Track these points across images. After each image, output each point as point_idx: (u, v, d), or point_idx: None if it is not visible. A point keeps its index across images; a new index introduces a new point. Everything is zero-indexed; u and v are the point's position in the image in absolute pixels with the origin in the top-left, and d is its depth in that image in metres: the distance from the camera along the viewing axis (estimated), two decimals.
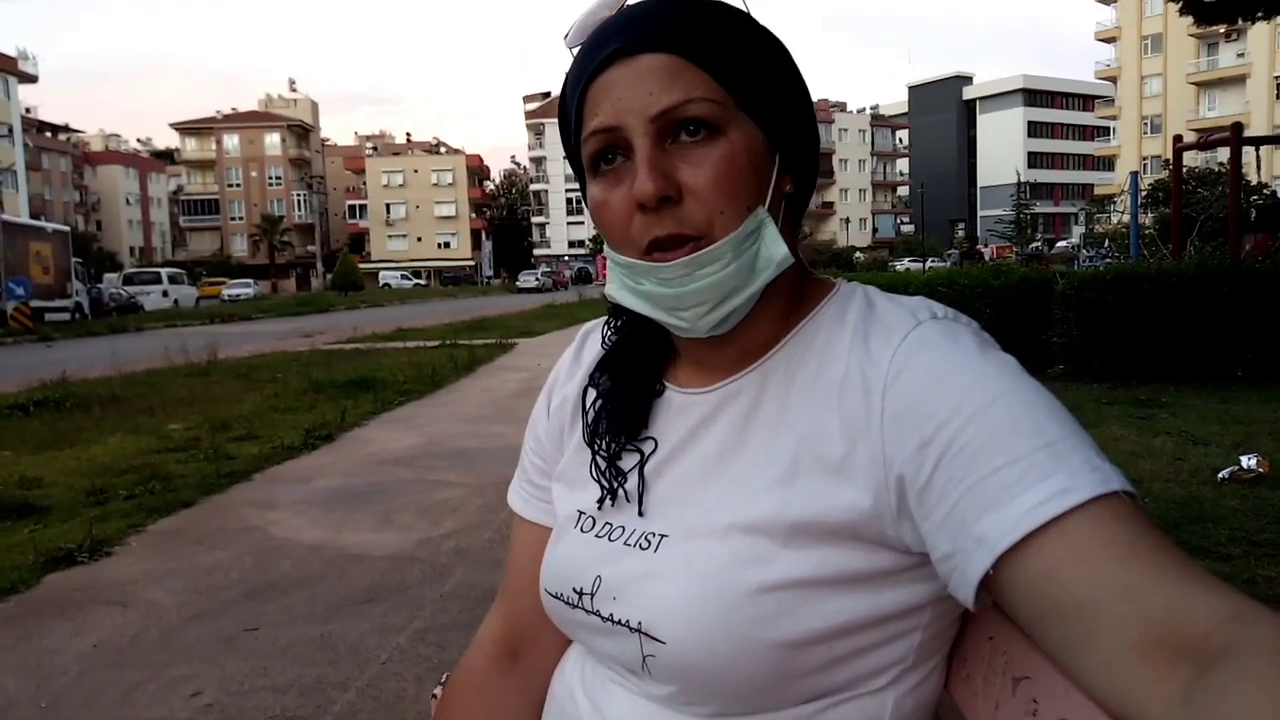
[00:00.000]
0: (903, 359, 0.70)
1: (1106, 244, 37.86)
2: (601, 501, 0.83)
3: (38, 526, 4.74)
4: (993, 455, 0.62)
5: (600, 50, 0.73)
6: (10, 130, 52.98)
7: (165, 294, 40.49)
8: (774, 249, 0.73)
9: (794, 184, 0.78)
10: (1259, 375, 7.75)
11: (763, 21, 0.78)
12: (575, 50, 0.77)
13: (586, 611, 0.80)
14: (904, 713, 0.75)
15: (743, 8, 0.77)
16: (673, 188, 0.71)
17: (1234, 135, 10.21)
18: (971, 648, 0.79)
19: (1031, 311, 8.88)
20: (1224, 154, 15.31)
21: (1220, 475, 4.69)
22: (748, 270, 0.73)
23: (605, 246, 0.79)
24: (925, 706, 0.77)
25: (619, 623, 0.76)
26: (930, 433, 0.66)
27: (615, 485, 0.83)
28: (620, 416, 0.85)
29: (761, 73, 0.74)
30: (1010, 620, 0.75)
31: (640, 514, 0.80)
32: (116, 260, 73.68)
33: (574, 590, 0.81)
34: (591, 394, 0.89)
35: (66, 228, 32.57)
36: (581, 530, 0.84)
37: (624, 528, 0.81)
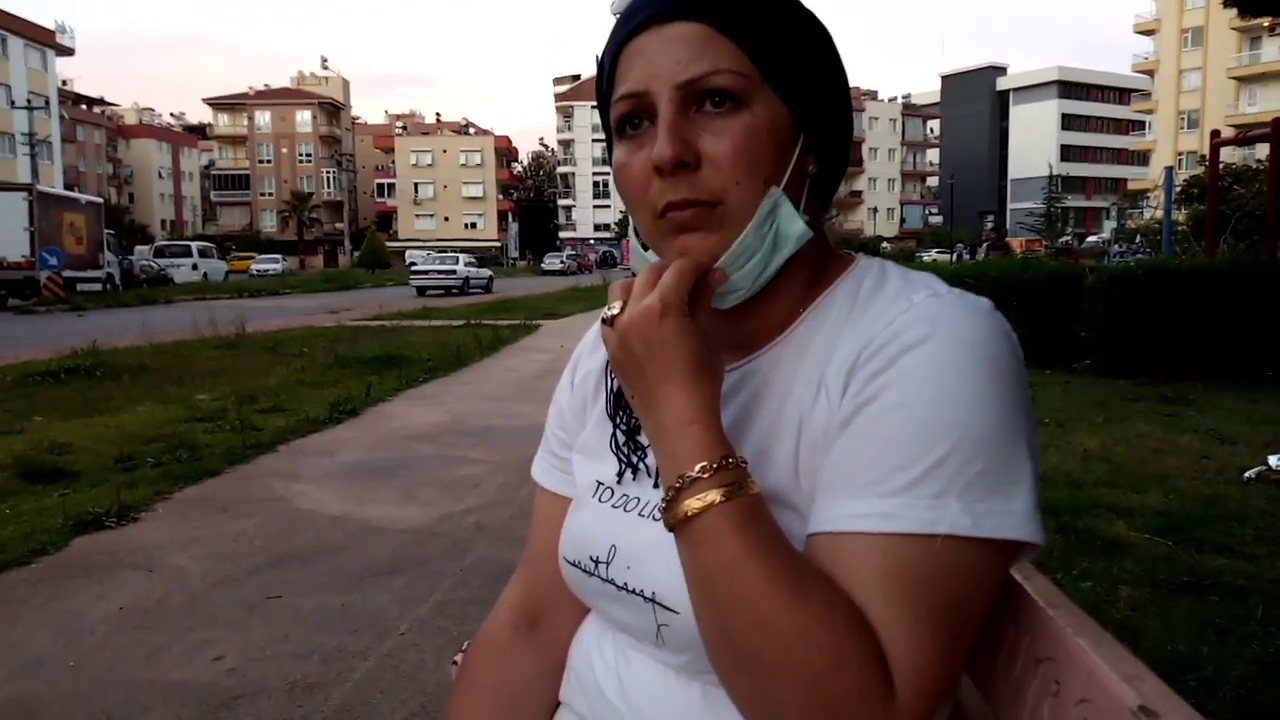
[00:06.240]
0: (884, 339, 0.70)
1: (1138, 239, 37.35)
2: (621, 474, 0.85)
3: (67, 491, 4.82)
4: (869, 449, 0.66)
5: (636, 15, 0.74)
6: (47, 102, 53.50)
7: (195, 267, 40.91)
8: (791, 226, 0.74)
9: (818, 165, 0.78)
10: None
11: (804, 2, 0.78)
12: (618, 16, 0.78)
13: (602, 580, 0.81)
14: None
15: None
16: (691, 154, 0.72)
17: (1274, 131, 9.97)
18: (992, 629, 0.79)
19: (1060, 305, 8.79)
20: (1263, 150, 15.02)
21: (1247, 474, 4.64)
22: (770, 251, 0.74)
23: (630, 229, 0.80)
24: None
25: (633, 592, 0.78)
26: (853, 404, 0.69)
27: (635, 460, 0.84)
28: None
29: (792, 49, 0.74)
30: (1033, 602, 0.75)
31: (655, 485, 0.81)
32: (148, 233, 74.48)
33: (590, 559, 0.82)
34: None
35: (99, 199, 32.91)
36: (599, 500, 0.86)
37: (639, 499, 0.82)
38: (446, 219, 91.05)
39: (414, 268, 33.15)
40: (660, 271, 0.71)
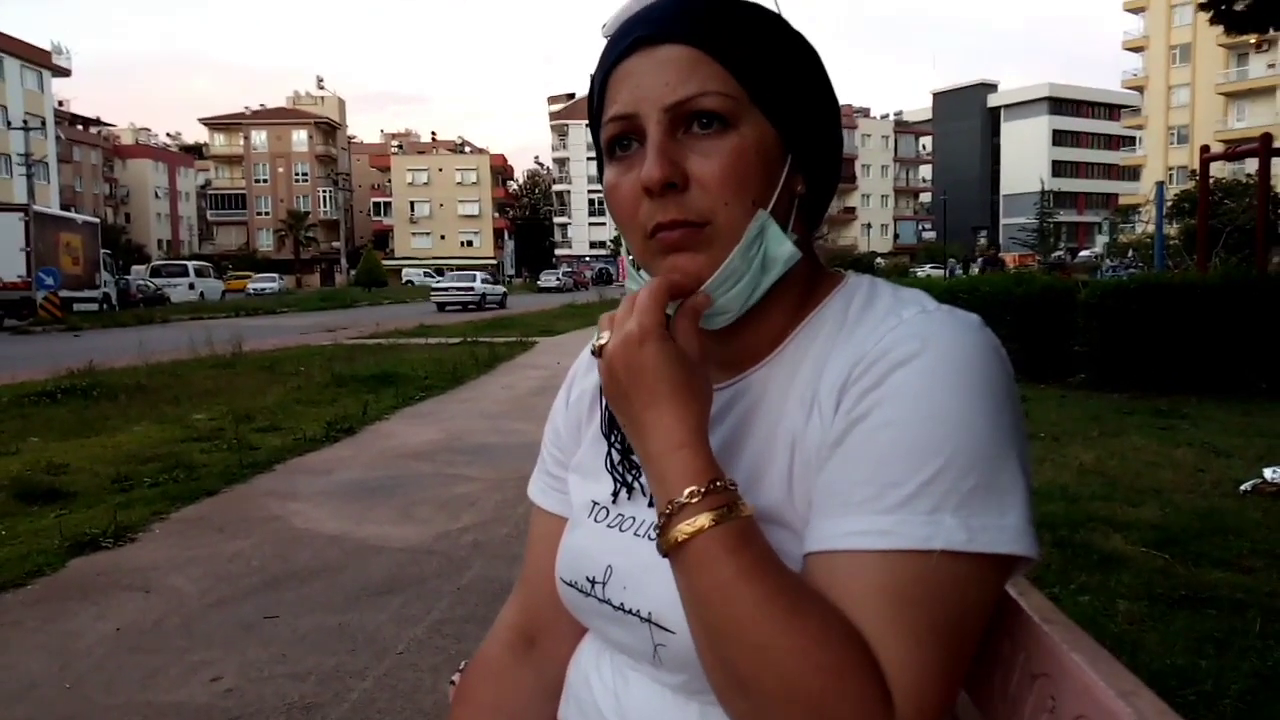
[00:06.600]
0: (874, 356, 0.70)
1: (1130, 254, 37.48)
2: (616, 494, 0.85)
3: (64, 511, 4.81)
4: (862, 467, 0.67)
5: (625, 38, 0.76)
6: (43, 123, 53.59)
7: (191, 287, 40.89)
8: (779, 248, 0.75)
9: (807, 186, 0.79)
10: None
11: (794, 25, 0.79)
12: (608, 38, 0.79)
13: (599, 600, 0.81)
14: None
15: (773, 8, 0.78)
16: (679, 175, 0.72)
17: (1263, 146, 10.05)
18: (988, 645, 0.79)
19: (1054, 320, 8.82)
20: (1252, 165, 15.10)
21: (1243, 487, 4.65)
22: (758, 273, 0.75)
23: (623, 250, 0.81)
24: None
25: (630, 612, 0.78)
26: (845, 422, 0.69)
27: (629, 479, 0.84)
28: None
29: (780, 72, 0.75)
30: (1028, 618, 0.76)
31: (651, 505, 0.80)
32: (144, 253, 74.45)
33: (587, 579, 0.82)
34: None
35: (96, 219, 32.96)
36: (595, 520, 0.85)
37: (634, 518, 0.82)
38: (443, 237, 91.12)
39: (434, 285, 37.66)
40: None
